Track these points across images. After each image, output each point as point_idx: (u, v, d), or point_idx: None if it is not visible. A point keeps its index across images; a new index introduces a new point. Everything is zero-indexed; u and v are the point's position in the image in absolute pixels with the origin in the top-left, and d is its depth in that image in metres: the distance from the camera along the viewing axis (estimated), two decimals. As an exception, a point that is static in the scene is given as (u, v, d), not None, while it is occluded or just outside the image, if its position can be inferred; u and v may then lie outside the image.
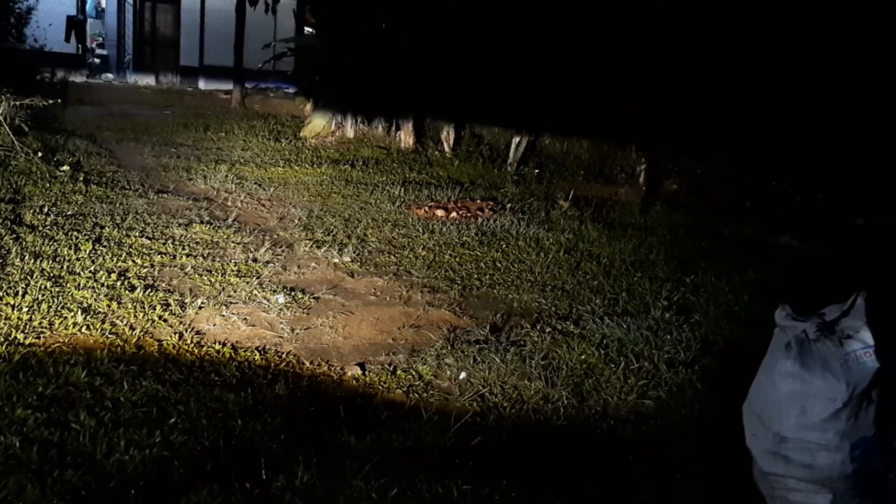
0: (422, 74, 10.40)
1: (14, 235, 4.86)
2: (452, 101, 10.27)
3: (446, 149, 10.22)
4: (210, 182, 7.29)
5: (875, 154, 6.54)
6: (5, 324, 3.53)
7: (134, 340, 3.55)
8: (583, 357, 3.78)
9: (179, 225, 5.55)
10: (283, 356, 3.59)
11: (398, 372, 3.52)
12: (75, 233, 5.06)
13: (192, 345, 3.58)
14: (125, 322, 3.75)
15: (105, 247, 4.85)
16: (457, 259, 5.36)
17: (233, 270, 4.68)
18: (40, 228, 5.10)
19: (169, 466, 2.54)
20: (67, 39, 19.95)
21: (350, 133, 10.95)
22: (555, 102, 8.78)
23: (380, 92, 10.88)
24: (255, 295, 4.31)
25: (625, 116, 7.79)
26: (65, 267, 4.39)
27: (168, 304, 4.03)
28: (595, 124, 8.78)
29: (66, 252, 4.64)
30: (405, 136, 10.51)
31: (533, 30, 8.77)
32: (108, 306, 3.91)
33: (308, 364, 3.53)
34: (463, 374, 3.52)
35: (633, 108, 7.45)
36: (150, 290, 4.21)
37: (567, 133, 9.57)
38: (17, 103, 7.48)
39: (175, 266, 4.67)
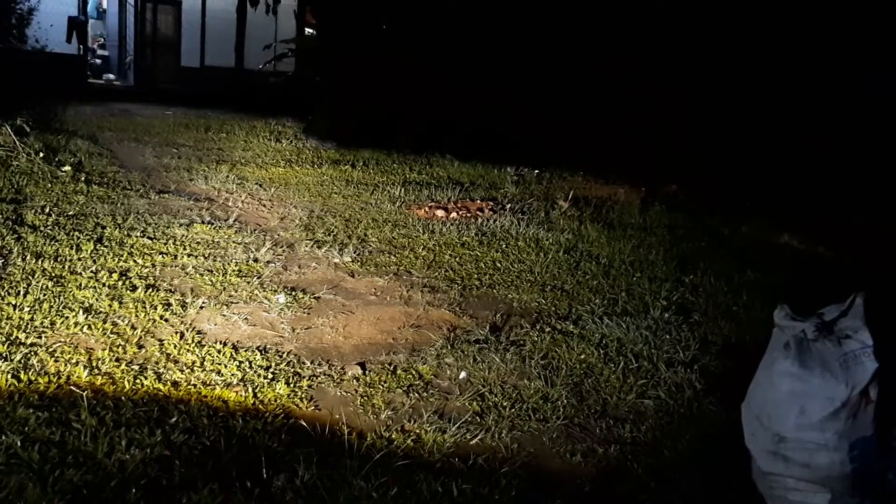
0: (422, 73, 10.43)
1: (16, 235, 4.87)
2: (453, 99, 10.29)
3: (446, 149, 10.22)
4: (211, 182, 7.30)
5: (874, 155, 6.55)
6: (7, 323, 3.55)
7: (135, 340, 3.56)
8: (582, 357, 3.79)
9: (181, 225, 5.56)
10: (284, 356, 3.59)
11: (398, 371, 3.53)
12: (77, 233, 5.08)
13: (193, 344, 3.59)
14: (126, 322, 3.76)
15: (106, 247, 4.86)
16: (457, 259, 5.37)
17: (234, 270, 4.69)
18: (42, 228, 5.11)
19: (170, 465, 2.55)
20: (69, 40, 19.95)
21: (350, 133, 10.95)
22: (554, 104, 8.80)
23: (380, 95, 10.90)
24: (256, 295, 4.32)
25: (625, 120, 7.81)
26: (66, 267, 4.41)
27: (169, 304, 4.04)
28: (595, 128, 8.80)
29: (67, 252, 4.66)
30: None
31: (532, 30, 8.78)
32: (110, 306, 3.92)
33: (309, 363, 3.54)
34: (463, 374, 3.53)
35: (633, 110, 7.47)
36: (151, 289, 4.22)
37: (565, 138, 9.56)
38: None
39: (176, 266, 4.68)
